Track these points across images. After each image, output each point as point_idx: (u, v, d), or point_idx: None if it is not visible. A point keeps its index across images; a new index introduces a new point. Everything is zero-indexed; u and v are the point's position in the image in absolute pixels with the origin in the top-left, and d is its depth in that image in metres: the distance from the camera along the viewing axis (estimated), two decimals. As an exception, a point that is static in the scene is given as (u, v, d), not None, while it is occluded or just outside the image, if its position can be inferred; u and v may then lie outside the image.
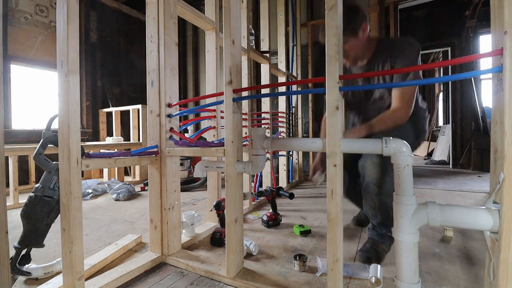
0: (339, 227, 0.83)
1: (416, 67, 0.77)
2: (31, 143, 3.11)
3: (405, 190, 0.78)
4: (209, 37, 1.77)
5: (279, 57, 3.09)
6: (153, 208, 1.31)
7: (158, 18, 1.29)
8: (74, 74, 0.91)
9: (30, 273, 1.06)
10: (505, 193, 0.62)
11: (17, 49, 3.44)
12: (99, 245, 1.50)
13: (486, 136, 4.00)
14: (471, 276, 1.12)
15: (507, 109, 0.61)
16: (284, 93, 2.28)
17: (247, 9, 2.19)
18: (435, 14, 4.75)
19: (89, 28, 4.22)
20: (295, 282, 1.05)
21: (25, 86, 3.62)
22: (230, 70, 1.07)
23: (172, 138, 1.32)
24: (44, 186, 0.98)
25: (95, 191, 2.82)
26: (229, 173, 1.08)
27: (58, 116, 0.93)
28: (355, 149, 0.85)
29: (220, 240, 1.47)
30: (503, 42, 0.61)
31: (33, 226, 0.98)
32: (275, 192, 1.85)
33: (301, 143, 1.01)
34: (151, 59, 1.32)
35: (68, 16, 0.89)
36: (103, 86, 4.44)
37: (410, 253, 0.77)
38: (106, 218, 2.02)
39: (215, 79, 1.75)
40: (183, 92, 4.86)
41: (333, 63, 0.82)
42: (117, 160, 1.11)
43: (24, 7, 3.51)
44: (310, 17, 3.68)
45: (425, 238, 1.51)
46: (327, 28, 0.83)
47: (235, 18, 1.10)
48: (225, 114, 1.08)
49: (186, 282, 1.11)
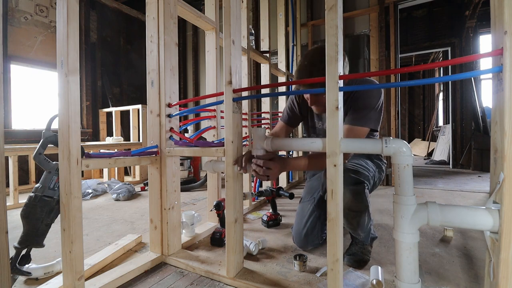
0: (339, 227, 0.83)
1: (417, 67, 0.77)
2: (31, 143, 3.11)
3: (405, 190, 0.78)
4: (209, 37, 1.77)
5: (279, 57, 3.09)
6: (153, 208, 1.31)
7: (158, 18, 1.29)
8: (74, 74, 0.91)
9: (30, 273, 1.06)
10: (505, 193, 0.62)
11: (17, 49, 3.44)
12: (99, 245, 1.50)
13: (486, 136, 4.00)
14: (471, 276, 1.12)
15: (507, 109, 0.60)
16: (284, 93, 2.28)
17: (247, 9, 2.19)
18: (435, 14, 4.76)
19: (89, 28, 4.22)
20: (295, 282, 1.05)
21: (25, 86, 3.62)
22: (230, 70, 1.07)
23: (172, 138, 1.32)
24: (44, 186, 0.98)
25: (95, 191, 2.82)
26: (229, 173, 1.08)
27: (58, 116, 0.93)
28: (355, 149, 0.85)
29: (220, 240, 1.47)
30: (503, 42, 0.61)
31: (33, 226, 0.98)
32: (275, 192, 1.85)
33: (301, 143, 1.01)
34: (151, 59, 1.32)
35: (68, 16, 0.89)
36: (103, 86, 4.44)
37: (410, 253, 0.77)
38: (106, 218, 2.02)
39: (215, 79, 1.75)
40: (183, 92, 4.85)
41: (333, 63, 0.82)
42: (117, 160, 1.11)
43: (24, 7, 3.51)
44: (310, 17, 3.68)
45: (425, 238, 1.51)
46: (327, 28, 0.83)
47: (235, 18, 1.10)
48: (225, 114, 1.08)
49: (186, 282, 1.11)
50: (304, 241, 1.35)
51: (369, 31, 3.30)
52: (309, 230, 1.34)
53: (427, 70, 8.07)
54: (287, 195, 1.79)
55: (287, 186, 2.95)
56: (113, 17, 4.61)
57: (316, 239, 1.35)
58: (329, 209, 0.84)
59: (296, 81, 1.04)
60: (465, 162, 4.29)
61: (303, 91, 1.07)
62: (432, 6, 4.71)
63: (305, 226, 1.35)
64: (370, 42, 3.27)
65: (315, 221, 1.35)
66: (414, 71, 1.13)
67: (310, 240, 1.34)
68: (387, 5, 3.20)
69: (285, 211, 2.10)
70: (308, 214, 1.37)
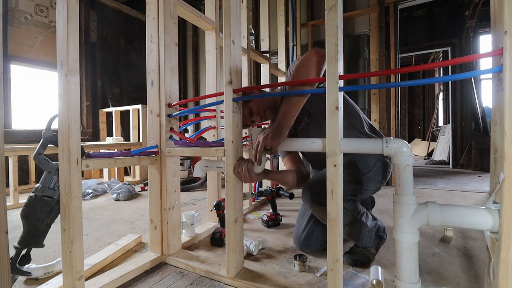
0: (339, 227, 0.83)
1: (417, 67, 0.77)
2: (31, 143, 3.11)
3: (405, 190, 0.78)
4: (209, 37, 1.77)
5: (279, 57, 3.10)
6: (153, 208, 1.31)
7: (158, 18, 1.29)
8: (74, 74, 0.91)
9: (30, 273, 1.06)
10: (505, 193, 0.62)
11: (17, 49, 3.44)
12: (99, 245, 1.50)
13: (486, 136, 4.00)
14: (471, 276, 1.12)
15: (507, 109, 0.61)
16: (284, 93, 2.25)
17: (247, 9, 2.19)
18: (435, 14, 4.76)
19: (89, 28, 4.22)
20: (295, 282, 1.05)
21: (25, 86, 3.62)
22: (230, 70, 1.07)
23: (172, 138, 1.32)
24: (44, 186, 0.98)
25: (95, 191, 2.82)
26: (229, 173, 1.08)
27: (58, 116, 0.93)
28: (355, 149, 0.85)
29: (220, 240, 1.47)
30: (503, 42, 0.61)
31: (33, 226, 0.98)
32: (275, 192, 1.85)
33: (301, 143, 1.01)
34: (151, 59, 1.32)
35: (68, 16, 0.89)
36: (103, 86, 4.44)
37: (410, 253, 0.77)
38: (106, 218, 2.02)
39: (215, 79, 1.75)
40: (183, 92, 4.85)
41: (333, 63, 0.82)
42: (117, 160, 1.11)
43: (24, 7, 3.51)
44: (310, 17, 3.68)
45: (425, 238, 1.51)
46: (327, 28, 0.83)
47: (235, 18, 1.10)
48: (225, 114, 1.08)
49: (186, 282, 1.11)
50: (303, 244, 1.35)
51: (369, 31, 3.30)
52: (308, 235, 1.34)
53: (427, 70, 8.07)
54: (287, 195, 1.79)
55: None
56: (113, 17, 4.61)
57: (314, 244, 1.33)
58: (329, 209, 0.84)
59: (296, 81, 1.04)
60: (465, 162, 4.29)
61: (303, 91, 1.07)
62: (432, 6, 4.71)
63: (304, 231, 1.35)
64: (370, 42, 3.27)
65: (314, 227, 1.34)
66: (414, 71, 1.13)
67: (309, 245, 1.34)
68: (387, 5, 3.20)
69: (285, 211, 2.10)
70: (308, 218, 1.37)
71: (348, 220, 1.12)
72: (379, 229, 1.21)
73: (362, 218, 1.15)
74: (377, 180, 1.22)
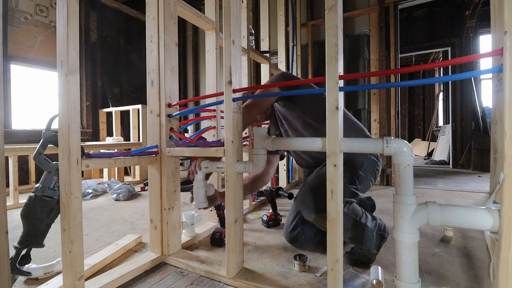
0: (339, 227, 0.83)
1: (417, 67, 0.77)
2: (31, 143, 3.11)
3: (405, 190, 0.78)
4: (209, 37, 1.77)
5: (279, 57, 3.09)
6: (153, 208, 1.31)
7: (158, 18, 1.29)
8: (74, 74, 0.91)
9: (30, 273, 1.06)
10: (505, 193, 0.62)
11: (17, 49, 3.44)
12: (99, 245, 1.50)
13: (486, 136, 4.00)
14: (471, 276, 1.12)
15: (507, 109, 0.61)
16: (284, 93, 2.27)
17: (247, 9, 2.19)
18: (435, 14, 4.76)
19: (89, 28, 4.22)
20: (295, 282, 1.05)
21: (25, 86, 3.62)
22: (230, 70, 1.07)
23: (172, 138, 1.32)
24: (44, 186, 0.98)
25: (95, 191, 2.82)
26: (229, 173, 1.08)
27: (58, 116, 0.93)
28: (355, 149, 0.85)
29: (220, 240, 1.47)
30: (503, 42, 0.61)
31: (33, 226, 0.98)
32: (275, 192, 1.85)
33: (301, 142, 1.01)
34: (151, 59, 1.32)
35: (68, 16, 0.89)
36: (103, 86, 4.44)
37: (410, 253, 0.77)
38: (106, 218, 2.02)
39: (215, 79, 1.75)
40: (183, 92, 4.85)
41: (333, 63, 0.82)
42: (117, 160, 1.11)
43: (24, 7, 3.51)
44: (310, 17, 3.68)
45: (425, 238, 1.51)
46: (327, 28, 0.83)
47: (235, 18, 1.10)
48: (225, 114, 1.08)
49: (186, 282, 1.11)
50: (290, 237, 1.39)
51: (369, 31, 3.30)
52: (294, 229, 1.38)
53: (427, 70, 8.07)
54: (287, 195, 1.79)
55: (287, 186, 2.94)
56: (113, 17, 4.61)
57: (300, 239, 1.36)
58: (329, 209, 0.84)
59: (295, 81, 1.04)
60: (465, 162, 4.29)
61: (303, 91, 1.07)
62: (432, 6, 4.71)
63: (291, 224, 1.40)
64: (370, 42, 3.27)
65: (299, 222, 1.38)
66: (414, 71, 1.13)
67: (296, 238, 1.37)
68: (387, 5, 3.20)
69: (285, 211, 2.10)
70: (295, 213, 1.41)
71: (349, 224, 1.12)
72: (379, 228, 1.21)
73: (362, 219, 1.15)
74: (367, 179, 1.25)
